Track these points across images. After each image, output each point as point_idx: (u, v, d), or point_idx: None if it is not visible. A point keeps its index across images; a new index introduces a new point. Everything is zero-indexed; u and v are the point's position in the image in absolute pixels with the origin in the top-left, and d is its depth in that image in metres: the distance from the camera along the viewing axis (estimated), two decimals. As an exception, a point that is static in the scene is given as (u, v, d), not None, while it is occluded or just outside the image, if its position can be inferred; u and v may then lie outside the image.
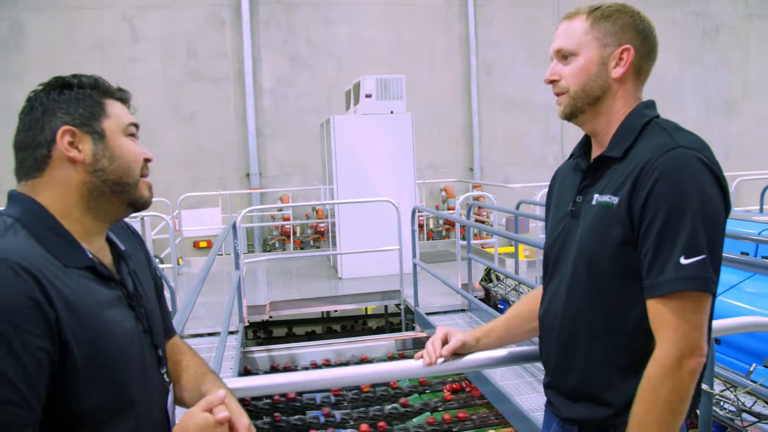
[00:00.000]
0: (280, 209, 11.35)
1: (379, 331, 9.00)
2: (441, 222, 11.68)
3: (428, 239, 11.15)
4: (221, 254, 9.61)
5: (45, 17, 10.83)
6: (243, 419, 1.21)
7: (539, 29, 12.98)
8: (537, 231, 7.96)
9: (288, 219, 11.21)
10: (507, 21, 12.87)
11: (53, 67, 10.75)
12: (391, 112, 7.89)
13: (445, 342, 1.70)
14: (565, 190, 1.64)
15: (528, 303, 1.76)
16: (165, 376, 1.36)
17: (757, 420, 3.01)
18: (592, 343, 1.48)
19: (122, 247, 1.36)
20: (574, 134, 10.94)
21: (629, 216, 1.39)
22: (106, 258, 1.29)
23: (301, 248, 11.19)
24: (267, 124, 11.81)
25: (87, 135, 1.24)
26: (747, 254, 4.95)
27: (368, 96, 7.81)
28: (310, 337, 8.83)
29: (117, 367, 1.18)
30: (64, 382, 1.09)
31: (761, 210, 8.30)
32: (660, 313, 1.34)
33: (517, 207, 7.00)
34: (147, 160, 1.34)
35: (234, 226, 5.90)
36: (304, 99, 11.87)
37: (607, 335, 1.46)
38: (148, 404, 1.26)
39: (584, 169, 1.57)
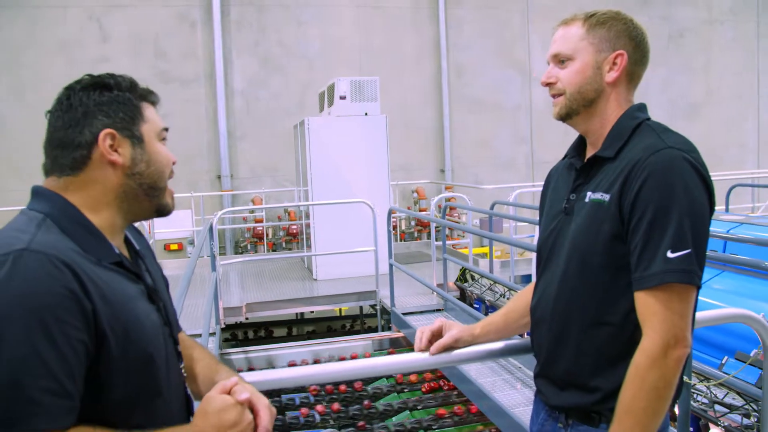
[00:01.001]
0: (252, 211, 11.31)
1: (356, 332, 9.03)
2: (413, 223, 11.76)
3: (400, 240, 11.22)
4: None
5: (7, 16, 10.63)
6: (262, 399, 1.25)
7: (509, 32, 13.16)
8: (511, 231, 8.07)
9: (261, 221, 11.18)
10: (477, 24, 13.01)
11: (16, 67, 10.62)
12: (366, 114, 7.94)
13: (438, 335, 1.75)
14: (559, 188, 1.71)
15: (524, 297, 1.82)
16: (183, 370, 1.40)
17: (728, 411, 3.12)
18: (582, 333, 1.54)
19: (137, 246, 1.40)
20: (544, 136, 11.20)
21: (620, 212, 1.46)
22: (126, 254, 1.33)
23: (273, 250, 11.17)
24: (238, 126, 11.75)
25: (126, 139, 1.27)
26: (715, 252, 5.11)
27: (343, 98, 7.85)
28: (285, 338, 8.82)
29: (148, 357, 1.22)
30: (99, 372, 1.12)
31: (727, 209, 8.55)
32: (647, 305, 1.41)
33: (492, 208, 7.09)
34: (173, 163, 1.39)
35: (211, 228, 5.88)
36: (275, 101, 11.85)
37: (597, 326, 1.52)
38: (171, 395, 1.30)
39: (578, 168, 1.64)
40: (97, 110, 1.25)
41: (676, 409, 2.35)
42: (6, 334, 1.02)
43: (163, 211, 1.36)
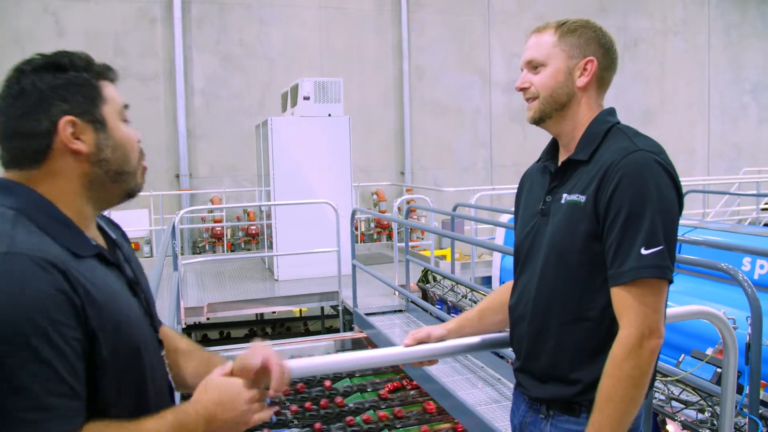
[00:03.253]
0: (211, 211, 11.20)
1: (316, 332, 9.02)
2: (373, 225, 11.79)
3: (360, 242, 11.24)
4: (150, 256, 9.40)
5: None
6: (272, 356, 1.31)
7: (469, 36, 13.31)
8: (472, 234, 8.18)
9: (220, 221, 11.07)
10: (439, 27, 13.12)
11: (-29, 61, 10.29)
12: (329, 115, 7.96)
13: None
14: (534, 190, 1.77)
15: (499, 295, 1.88)
16: (164, 357, 1.37)
17: (684, 406, 3.24)
18: (561, 329, 1.61)
19: (113, 235, 1.36)
20: (502, 141, 11.30)
21: (595, 212, 1.53)
22: (103, 245, 1.28)
23: (232, 251, 11.07)
24: (198, 125, 11.61)
25: (88, 124, 1.18)
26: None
27: (306, 98, 7.85)
28: (244, 339, 8.77)
29: (135, 351, 1.20)
30: (90, 368, 1.10)
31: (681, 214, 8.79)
32: (623, 299, 1.48)
33: (454, 210, 7.17)
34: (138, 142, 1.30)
35: (173, 228, 5.82)
36: (236, 100, 11.75)
37: (575, 321, 1.59)
38: (157, 383, 1.29)
39: (552, 171, 1.71)
40: (52, 95, 1.16)
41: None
42: (5, 341, 0.99)
43: (133, 192, 1.29)
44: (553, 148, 1.76)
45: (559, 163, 1.70)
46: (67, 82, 1.18)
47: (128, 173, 1.25)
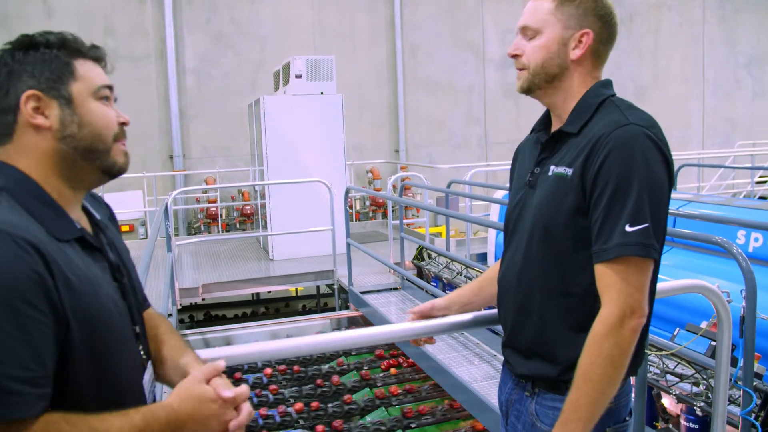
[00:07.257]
0: (206, 191, 11.16)
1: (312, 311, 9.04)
2: (368, 203, 11.78)
3: (356, 220, 11.22)
4: (144, 238, 9.37)
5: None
6: (245, 396, 1.21)
7: (462, 13, 13.20)
8: (467, 211, 8.17)
9: (214, 201, 11.04)
10: (432, 3, 13.01)
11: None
12: (321, 93, 7.90)
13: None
14: (525, 162, 1.74)
15: (496, 269, 1.84)
16: (141, 352, 1.32)
17: (679, 380, 3.26)
18: (545, 303, 1.58)
19: (98, 216, 1.33)
20: (496, 117, 11.19)
21: (582, 186, 1.50)
22: (86, 228, 1.26)
23: (227, 231, 11.06)
24: (190, 105, 11.53)
25: (53, 100, 1.18)
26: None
27: (298, 77, 7.78)
28: (241, 319, 8.78)
29: (111, 339, 1.17)
30: (65, 357, 1.08)
31: (675, 188, 8.81)
32: (606, 276, 1.45)
33: (448, 187, 7.15)
34: (123, 124, 1.28)
35: (166, 208, 5.78)
36: (228, 79, 11.67)
37: (559, 297, 1.56)
38: (130, 376, 1.25)
39: (543, 142, 1.67)
40: (21, 71, 1.17)
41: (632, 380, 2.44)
42: None
43: (111, 172, 1.26)
44: (546, 118, 1.72)
45: (550, 134, 1.66)
46: (37, 59, 1.19)
47: (100, 151, 1.23)
